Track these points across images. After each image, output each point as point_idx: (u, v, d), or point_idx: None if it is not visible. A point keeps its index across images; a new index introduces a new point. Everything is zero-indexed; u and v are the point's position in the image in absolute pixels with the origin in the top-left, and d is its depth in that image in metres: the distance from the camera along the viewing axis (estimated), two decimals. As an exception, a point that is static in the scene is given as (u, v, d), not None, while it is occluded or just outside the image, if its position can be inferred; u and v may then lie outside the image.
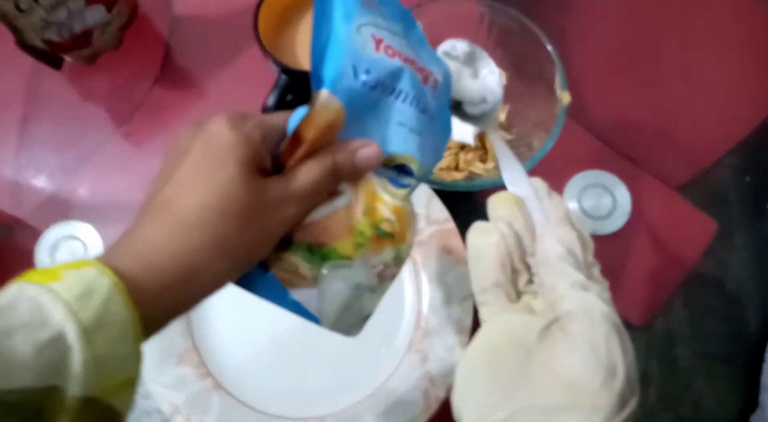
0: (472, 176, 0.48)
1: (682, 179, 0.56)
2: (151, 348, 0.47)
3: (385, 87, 0.31)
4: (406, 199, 0.33)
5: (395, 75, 0.31)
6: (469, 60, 0.38)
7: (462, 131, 0.46)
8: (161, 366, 0.47)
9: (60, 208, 0.54)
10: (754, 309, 0.54)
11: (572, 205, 0.51)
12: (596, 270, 0.32)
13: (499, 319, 0.32)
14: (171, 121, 0.56)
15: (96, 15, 0.50)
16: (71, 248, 0.52)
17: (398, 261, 0.33)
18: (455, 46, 0.38)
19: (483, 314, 0.33)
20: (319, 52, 0.30)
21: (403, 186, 0.32)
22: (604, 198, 0.51)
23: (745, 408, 0.52)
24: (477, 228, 0.33)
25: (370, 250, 0.32)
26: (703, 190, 0.56)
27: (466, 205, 0.53)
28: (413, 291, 0.50)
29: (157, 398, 0.46)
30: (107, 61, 0.56)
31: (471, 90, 0.38)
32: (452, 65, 0.37)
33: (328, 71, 0.30)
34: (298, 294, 0.31)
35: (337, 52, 0.30)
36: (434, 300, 0.49)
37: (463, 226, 0.49)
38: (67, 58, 0.54)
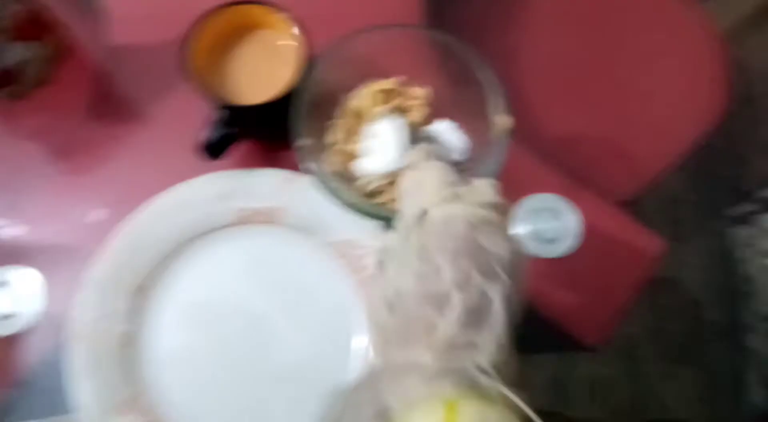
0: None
1: (629, 193, 0.56)
2: (91, 399, 0.45)
3: None
4: None
5: None
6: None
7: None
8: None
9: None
10: (710, 309, 0.55)
11: (523, 228, 0.50)
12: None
13: None
14: (108, 155, 0.54)
15: (16, 53, 0.47)
16: (8, 293, 0.50)
17: None
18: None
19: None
20: None
21: None
22: (555, 221, 0.50)
23: (702, 407, 0.53)
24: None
25: None
26: (658, 201, 0.56)
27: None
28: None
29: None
30: (37, 95, 0.54)
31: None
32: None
33: None
34: None
35: None
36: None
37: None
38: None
